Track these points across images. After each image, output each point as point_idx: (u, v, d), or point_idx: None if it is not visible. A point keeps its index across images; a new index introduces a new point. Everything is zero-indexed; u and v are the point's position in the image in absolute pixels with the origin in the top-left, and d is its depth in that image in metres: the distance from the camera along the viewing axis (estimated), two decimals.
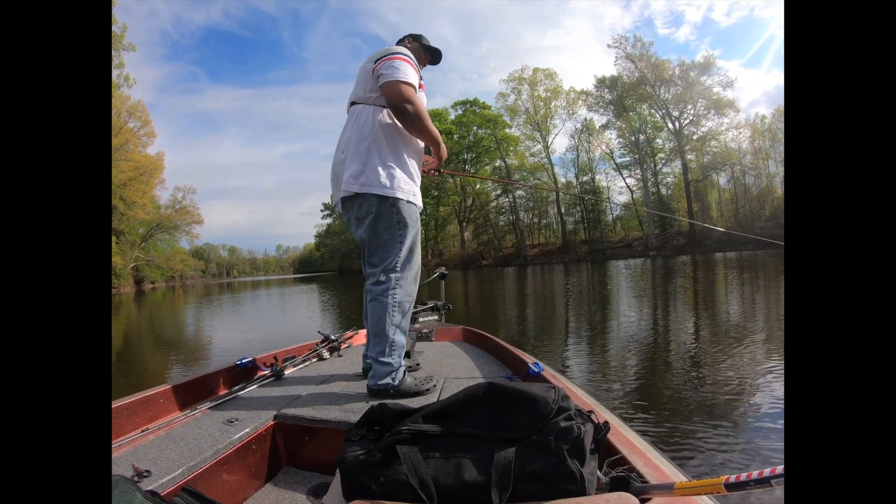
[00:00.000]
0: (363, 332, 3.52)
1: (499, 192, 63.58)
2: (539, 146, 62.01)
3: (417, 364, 2.68)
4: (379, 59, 2.22)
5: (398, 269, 2.25)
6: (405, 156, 2.32)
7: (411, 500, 0.99)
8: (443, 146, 2.49)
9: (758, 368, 4.95)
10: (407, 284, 2.29)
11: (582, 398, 1.75)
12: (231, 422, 1.89)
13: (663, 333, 7.61)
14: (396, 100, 2.16)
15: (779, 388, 4.16)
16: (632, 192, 61.50)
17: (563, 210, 62.29)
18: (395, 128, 2.28)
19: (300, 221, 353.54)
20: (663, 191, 59.80)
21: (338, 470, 1.13)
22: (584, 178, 62.97)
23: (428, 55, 2.67)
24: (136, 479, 1.40)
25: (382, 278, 2.23)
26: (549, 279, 24.20)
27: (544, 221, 68.85)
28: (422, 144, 2.46)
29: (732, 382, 4.52)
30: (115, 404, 1.85)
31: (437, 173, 2.81)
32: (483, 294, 18.14)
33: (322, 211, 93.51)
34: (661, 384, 4.75)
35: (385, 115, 2.27)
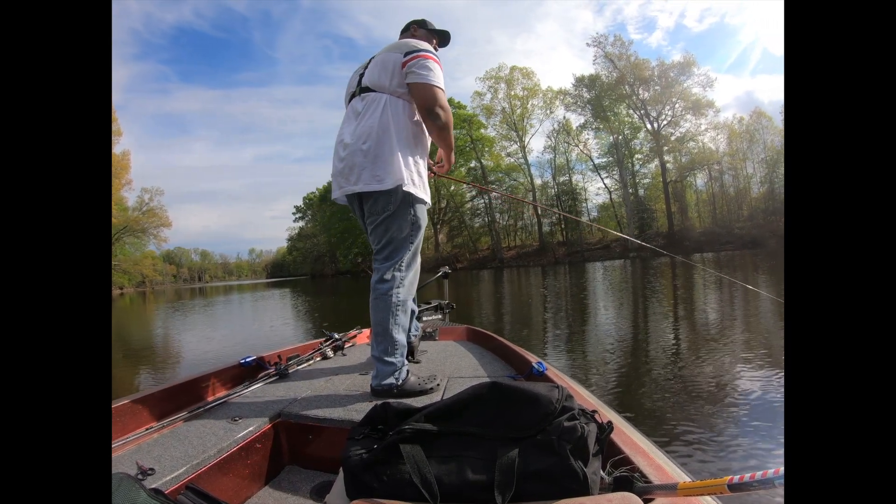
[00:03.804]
0: (367, 331, 3.65)
1: (474, 193, 63.10)
2: (515, 146, 61.84)
3: (418, 360, 2.74)
4: (410, 54, 2.18)
5: (403, 268, 2.25)
6: (424, 157, 2.34)
7: (414, 499, 0.98)
8: (452, 155, 2.55)
9: (757, 365, 5.05)
10: (409, 283, 2.30)
11: (585, 398, 1.77)
12: (235, 420, 1.89)
13: (648, 335, 7.66)
14: (431, 104, 2.16)
15: (780, 387, 4.20)
16: (610, 192, 61.66)
17: (539, 212, 61.83)
18: (420, 128, 2.29)
19: (272, 225, 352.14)
20: (640, 191, 60.34)
21: (341, 469, 1.12)
22: (562, 179, 63.17)
23: (437, 39, 2.61)
24: (140, 477, 1.39)
25: (387, 276, 2.22)
26: (526, 282, 24.50)
27: (520, 223, 68.48)
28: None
29: (733, 381, 4.58)
30: (118, 403, 1.84)
31: (433, 175, 2.73)
32: (459, 298, 17.70)
33: (294, 214, 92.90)
34: (659, 382, 4.82)
35: (414, 113, 2.25)
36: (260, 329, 12.93)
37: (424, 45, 2.24)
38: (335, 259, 78.47)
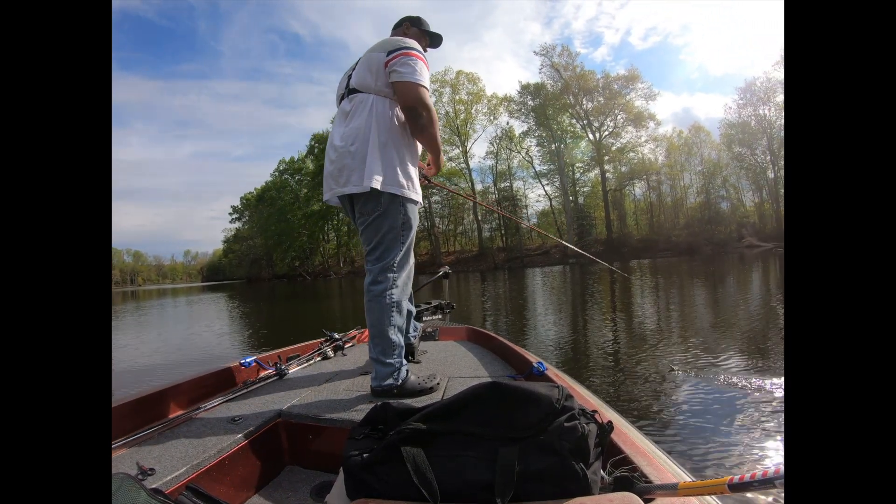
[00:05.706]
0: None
1: None
2: (457, 151, 61.78)
3: (418, 361, 2.73)
4: (393, 53, 2.13)
5: (395, 268, 2.23)
6: (415, 156, 2.31)
7: (414, 499, 0.98)
8: (442, 155, 2.49)
9: (756, 365, 5.04)
10: (403, 283, 2.28)
11: (586, 397, 1.77)
12: (235, 420, 1.88)
13: (590, 335, 7.61)
14: (413, 103, 2.12)
15: (780, 387, 3.99)
16: (550, 199, 62.32)
17: (479, 217, 62.21)
18: (407, 127, 2.24)
19: (209, 226, 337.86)
20: (580, 199, 61.79)
21: (341, 469, 1.12)
22: (504, 185, 63.73)
23: (428, 40, 2.56)
24: (140, 477, 1.39)
25: (380, 277, 2.21)
26: (465, 288, 23.91)
27: (460, 228, 68.47)
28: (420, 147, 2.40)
29: (732, 381, 4.46)
30: (119, 403, 1.85)
31: (426, 181, 2.68)
32: None
33: (231, 214, 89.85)
34: (653, 382, 4.72)
35: (400, 113, 2.21)
36: (179, 338, 12.14)
37: (411, 42, 2.21)
38: (272, 262, 76.62)
